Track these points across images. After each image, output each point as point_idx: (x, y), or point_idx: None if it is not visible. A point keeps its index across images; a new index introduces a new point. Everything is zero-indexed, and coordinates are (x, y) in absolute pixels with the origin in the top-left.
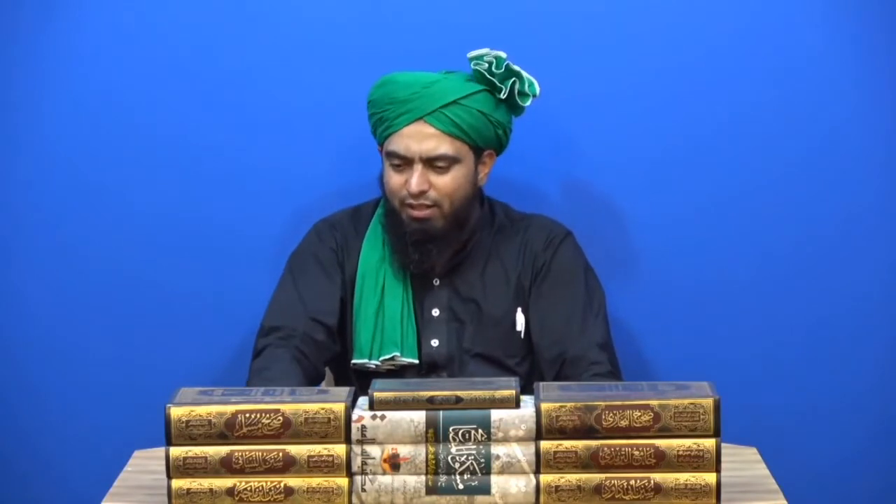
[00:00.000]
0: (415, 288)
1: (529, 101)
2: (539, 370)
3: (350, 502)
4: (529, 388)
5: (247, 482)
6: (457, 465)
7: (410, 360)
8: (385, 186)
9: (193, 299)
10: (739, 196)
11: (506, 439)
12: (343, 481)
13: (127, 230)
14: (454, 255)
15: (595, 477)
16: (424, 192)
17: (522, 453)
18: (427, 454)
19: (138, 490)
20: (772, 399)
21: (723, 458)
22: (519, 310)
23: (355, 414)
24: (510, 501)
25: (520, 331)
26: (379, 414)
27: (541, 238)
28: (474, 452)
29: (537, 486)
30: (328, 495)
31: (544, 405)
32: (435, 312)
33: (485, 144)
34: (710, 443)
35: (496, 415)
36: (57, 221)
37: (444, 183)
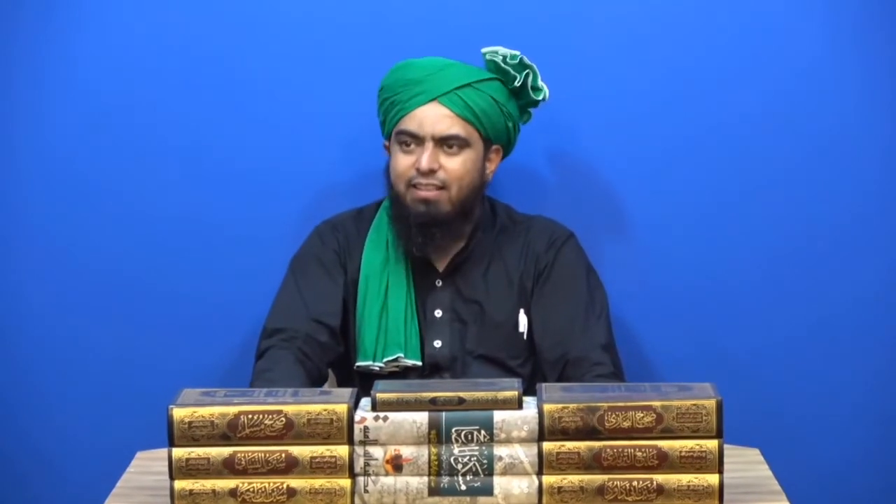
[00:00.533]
0: (417, 289)
1: (542, 96)
2: (541, 371)
3: (352, 503)
4: (532, 390)
5: (249, 483)
6: (459, 467)
7: (414, 362)
8: (392, 171)
9: (196, 300)
10: (741, 197)
11: (508, 440)
12: (346, 482)
13: (129, 230)
14: (457, 255)
15: (598, 478)
16: (434, 172)
17: (525, 454)
18: (430, 455)
19: (141, 491)
20: (774, 400)
21: (725, 460)
22: (522, 311)
23: (358, 415)
24: (513, 502)
25: (522, 332)
26: (381, 415)
27: (543, 239)
28: (477, 453)
29: (540, 488)
30: (331, 496)
31: (547, 406)
32: (438, 313)
33: (494, 135)
34: (713, 444)
35: (499, 416)
36: (58, 221)
37: (454, 165)
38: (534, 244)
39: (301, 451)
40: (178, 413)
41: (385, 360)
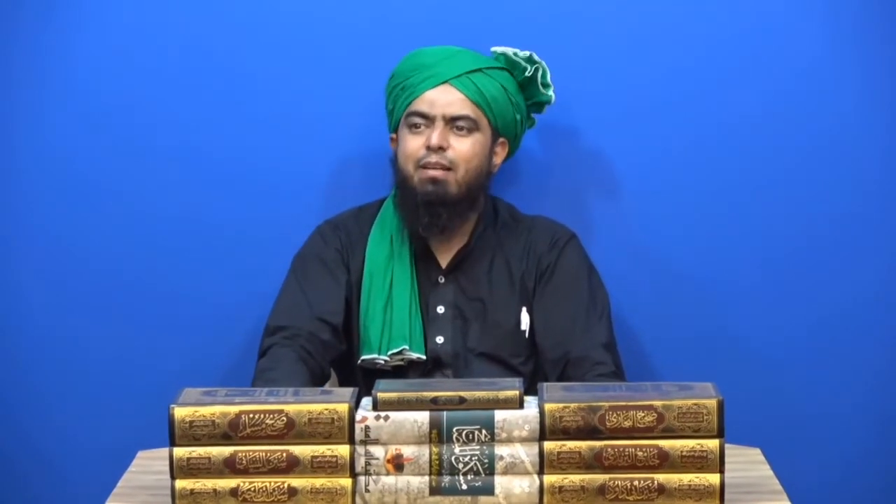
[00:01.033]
0: (420, 285)
1: (550, 93)
2: (543, 371)
3: (353, 503)
4: (534, 389)
5: (250, 482)
6: (460, 466)
7: (418, 356)
8: (400, 154)
9: (197, 300)
10: (743, 198)
11: (509, 440)
12: (347, 482)
13: (130, 230)
14: (460, 251)
15: (599, 477)
16: (443, 150)
17: (526, 454)
18: (431, 455)
19: (142, 490)
20: (775, 400)
21: (726, 459)
22: (524, 310)
23: (359, 414)
24: (514, 502)
25: (524, 330)
26: (382, 414)
27: (545, 240)
28: (478, 453)
29: (541, 487)
30: (332, 496)
31: (548, 406)
32: (440, 310)
33: (502, 124)
34: (714, 443)
35: (500, 415)
36: (58, 221)
37: (463, 147)
38: (536, 244)
39: (302, 451)
40: (180, 412)
41: (390, 353)
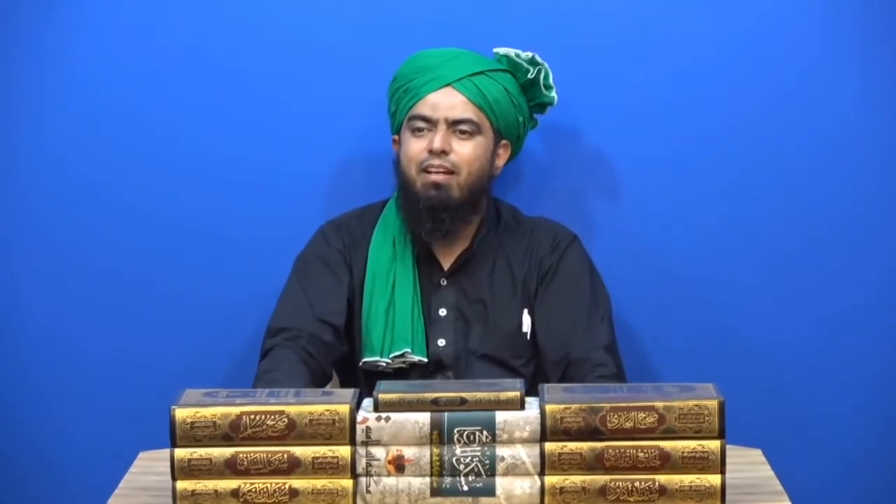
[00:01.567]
0: (423, 287)
1: (553, 94)
2: (544, 372)
3: None
4: (535, 390)
5: (251, 483)
6: (461, 467)
7: (420, 358)
8: (403, 157)
9: (198, 300)
10: (743, 198)
11: (510, 441)
12: (348, 483)
13: (131, 230)
14: (462, 254)
15: (600, 478)
16: (446, 154)
17: (527, 455)
18: (432, 456)
19: (143, 491)
20: (776, 400)
21: (728, 460)
22: (525, 311)
23: (360, 415)
24: (515, 503)
25: (526, 332)
26: (384, 415)
27: (547, 241)
28: (479, 454)
29: (542, 488)
30: (333, 497)
31: (549, 407)
32: (442, 312)
33: (505, 126)
34: (715, 444)
35: (501, 416)
36: (58, 221)
37: (465, 150)
38: (538, 246)
39: (303, 452)
40: (181, 413)
41: (392, 356)
